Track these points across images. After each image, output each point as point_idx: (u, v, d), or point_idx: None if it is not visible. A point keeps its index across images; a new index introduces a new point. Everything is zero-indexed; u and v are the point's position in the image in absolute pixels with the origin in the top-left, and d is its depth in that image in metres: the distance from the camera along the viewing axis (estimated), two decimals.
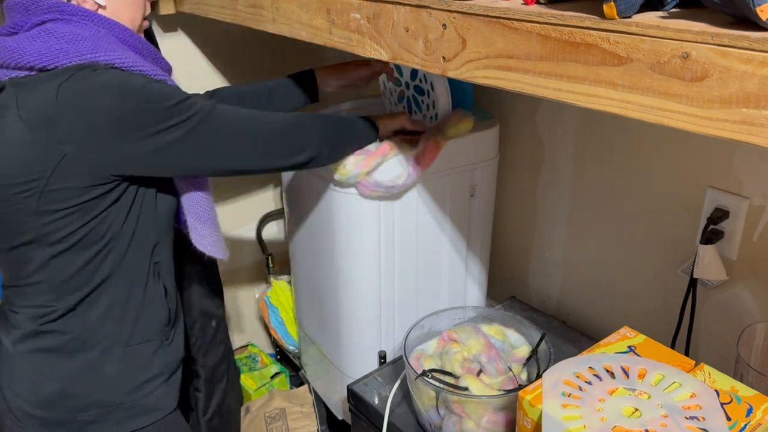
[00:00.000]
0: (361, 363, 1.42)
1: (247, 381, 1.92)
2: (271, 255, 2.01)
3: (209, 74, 1.77)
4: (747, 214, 1.11)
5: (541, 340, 1.16)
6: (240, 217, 1.97)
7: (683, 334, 1.21)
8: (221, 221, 1.18)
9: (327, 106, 1.56)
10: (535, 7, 0.70)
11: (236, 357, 1.97)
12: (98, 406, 1.03)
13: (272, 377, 1.95)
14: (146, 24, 1.10)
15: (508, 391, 1.08)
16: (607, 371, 0.88)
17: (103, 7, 1.00)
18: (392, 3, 0.85)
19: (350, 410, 1.32)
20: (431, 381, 1.09)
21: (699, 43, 0.55)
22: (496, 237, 1.57)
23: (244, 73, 1.81)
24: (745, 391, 0.86)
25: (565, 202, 1.43)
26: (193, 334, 1.34)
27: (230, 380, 1.45)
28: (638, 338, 0.99)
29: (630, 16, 0.62)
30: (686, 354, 1.17)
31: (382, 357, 1.41)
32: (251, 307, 2.14)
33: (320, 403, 1.75)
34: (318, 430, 1.73)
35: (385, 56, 0.90)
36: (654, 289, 1.30)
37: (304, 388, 1.82)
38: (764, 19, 0.53)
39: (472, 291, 1.52)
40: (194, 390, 1.38)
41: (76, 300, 1.00)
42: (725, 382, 0.88)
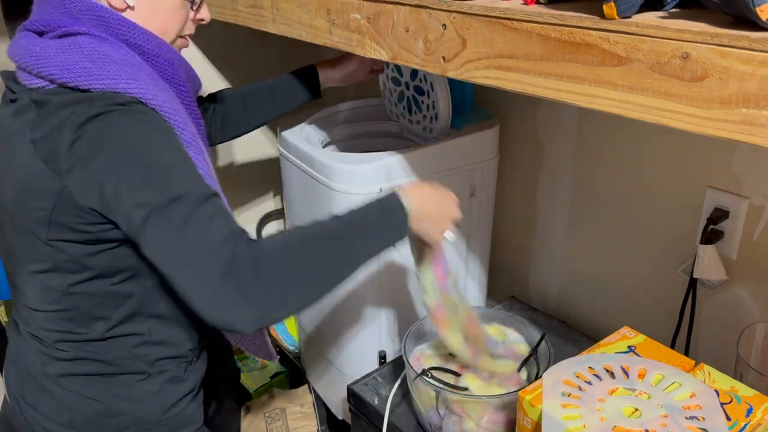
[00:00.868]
0: (361, 363, 1.42)
1: (247, 381, 1.92)
2: None
3: (209, 74, 1.77)
4: (747, 214, 1.11)
5: (541, 340, 1.16)
6: (240, 217, 1.98)
7: (683, 334, 1.21)
8: None
9: (326, 107, 1.56)
10: (535, 7, 0.70)
11: (236, 357, 1.97)
12: (138, 424, 1.00)
13: (272, 377, 1.95)
14: (185, 43, 1.04)
15: (508, 392, 1.08)
16: (607, 371, 0.88)
17: (131, 7, 0.94)
18: (392, 3, 0.85)
19: (350, 410, 1.32)
20: (431, 381, 1.09)
21: (699, 43, 0.55)
22: (496, 237, 1.57)
23: (244, 74, 1.81)
24: (744, 391, 0.86)
25: (565, 202, 1.43)
26: None
27: (230, 380, 1.44)
28: (638, 338, 0.99)
29: (630, 16, 0.62)
30: (686, 354, 1.18)
31: (382, 357, 1.41)
32: None
33: (320, 403, 1.75)
34: (318, 430, 1.73)
35: (385, 56, 0.90)
36: (654, 289, 1.30)
37: (304, 388, 1.82)
38: (764, 19, 0.53)
39: (472, 291, 1.52)
40: None
41: (106, 327, 0.96)
42: (725, 382, 0.88)
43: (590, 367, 0.89)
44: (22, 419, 1.02)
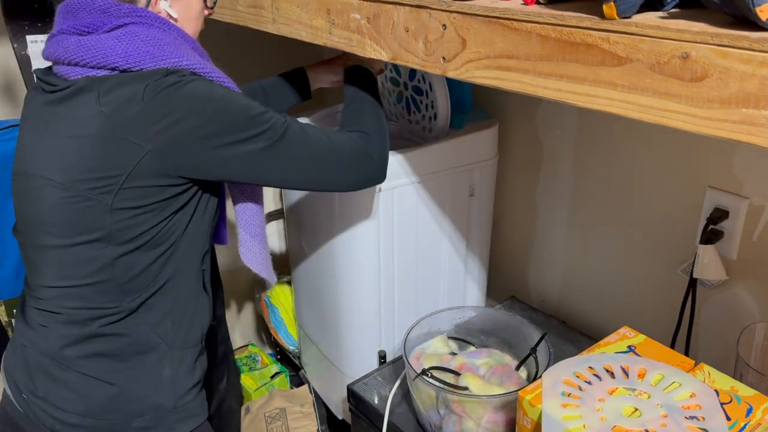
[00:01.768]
0: (361, 363, 1.42)
1: (247, 381, 1.92)
2: (271, 255, 2.01)
3: None
4: (747, 214, 1.11)
5: (540, 340, 1.16)
6: None
7: (683, 334, 1.21)
8: None
9: (326, 107, 1.56)
10: (534, 8, 0.70)
11: (236, 357, 1.97)
12: (154, 411, 1.02)
13: (272, 377, 1.96)
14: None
15: (508, 392, 1.08)
16: (607, 371, 0.88)
17: (175, 19, 1.02)
18: (392, 3, 0.85)
19: (350, 410, 1.32)
20: (431, 381, 1.09)
21: (699, 43, 0.55)
22: (495, 237, 1.57)
23: (244, 74, 1.81)
24: (744, 391, 0.86)
25: (565, 202, 1.43)
26: None
27: (230, 380, 1.45)
28: (638, 338, 0.99)
29: (630, 16, 0.62)
30: (686, 354, 1.18)
31: (382, 357, 1.41)
32: (251, 307, 2.14)
33: (320, 403, 1.75)
34: (318, 430, 1.73)
35: (385, 56, 0.90)
36: (654, 289, 1.30)
37: (304, 388, 1.82)
38: (764, 19, 0.53)
39: (472, 291, 1.52)
40: None
41: (138, 302, 0.99)
42: (725, 382, 0.88)
43: (590, 367, 0.89)
44: (31, 415, 1.02)
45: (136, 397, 1.01)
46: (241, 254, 1.17)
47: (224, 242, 1.18)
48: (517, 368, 1.17)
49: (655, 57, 0.59)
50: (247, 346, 2.09)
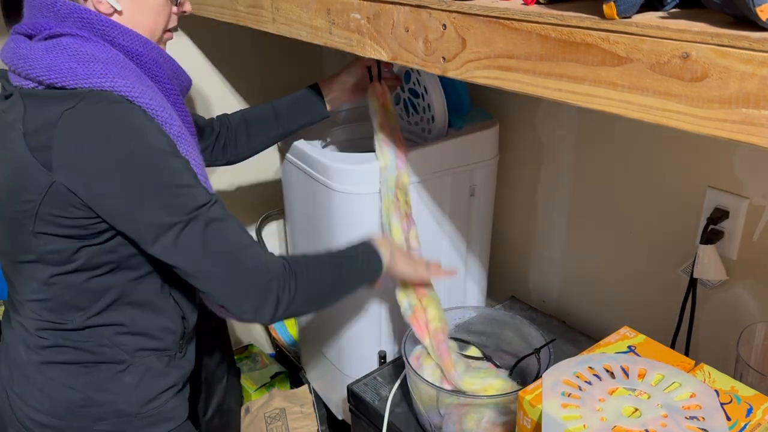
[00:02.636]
0: (361, 363, 1.42)
1: (247, 381, 1.92)
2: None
3: (209, 75, 1.77)
4: (747, 214, 1.11)
5: (546, 345, 1.15)
6: (240, 217, 1.97)
7: (683, 334, 1.21)
8: None
9: None
10: (534, 7, 0.70)
11: (236, 357, 1.97)
12: (117, 416, 1.02)
13: (272, 377, 1.95)
14: (170, 36, 1.05)
15: (508, 392, 1.08)
16: (607, 371, 0.88)
17: (119, 12, 0.95)
18: (392, 3, 0.85)
19: (350, 410, 1.32)
20: (431, 381, 1.09)
21: (699, 43, 0.55)
22: (496, 237, 1.57)
23: (244, 74, 1.81)
24: (745, 391, 0.86)
25: (565, 202, 1.43)
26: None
27: (230, 380, 1.45)
28: (638, 338, 0.99)
29: (630, 16, 0.62)
30: (686, 354, 1.17)
31: (382, 357, 1.41)
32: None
33: (320, 403, 1.75)
34: (318, 430, 1.73)
35: (385, 56, 0.90)
36: (654, 289, 1.30)
37: (304, 388, 1.82)
38: (764, 19, 0.53)
39: (472, 291, 1.52)
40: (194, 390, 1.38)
41: (84, 317, 0.97)
42: (725, 382, 0.88)
43: (590, 367, 0.89)
44: (9, 410, 1.05)
45: (98, 402, 1.01)
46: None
47: None
48: (511, 371, 1.17)
49: (655, 57, 0.59)
50: (247, 346, 2.09)
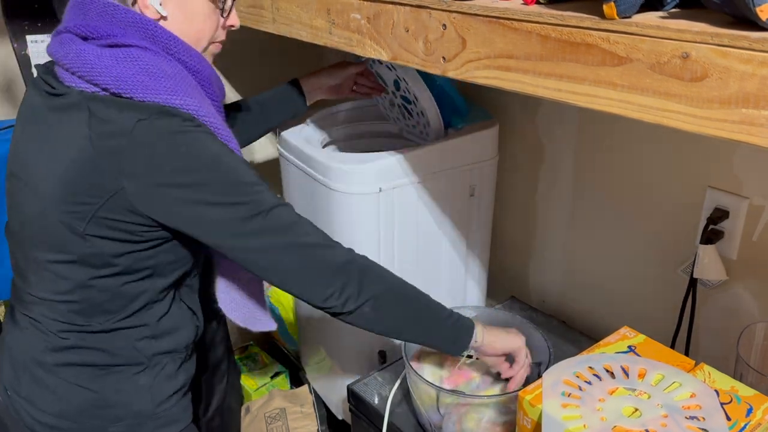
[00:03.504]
0: (361, 363, 1.42)
1: (247, 381, 1.92)
2: None
3: None
4: (747, 214, 1.11)
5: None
6: None
7: (683, 334, 1.21)
8: None
9: (326, 107, 1.56)
10: (534, 7, 0.70)
11: (236, 357, 1.97)
12: (131, 417, 1.02)
13: (272, 377, 1.95)
14: (217, 48, 1.05)
15: (508, 392, 1.08)
16: (607, 371, 0.88)
17: (164, 17, 0.94)
18: (392, 3, 0.85)
19: (350, 410, 1.32)
20: (431, 381, 1.09)
21: (699, 43, 0.55)
22: (496, 237, 1.57)
23: (244, 74, 1.81)
24: (745, 391, 0.86)
25: (565, 202, 1.43)
26: None
27: (230, 380, 1.44)
28: (638, 338, 0.99)
29: (630, 16, 0.62)
30: (686, 354, 1.17)
31: (382, 357, 1.41)
32: None
33: (320, 403, 1.75)
34: (318, 430, 1.73)
35: (385, 56, 0.90)
36: (654, 289, 1.30)
37: (304, 388, 1.82)
38: (764, 19, 0.53)
39: (472, 291, 1.52)
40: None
41: (113, 321, 0.98)
42: (725, 382, 0.88)
43: (590, 367, 0.89)
44: (12, 412, 1.03)
45: (114, 403, 1.01)
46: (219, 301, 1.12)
47: None
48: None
49: (655, 57, 0.59)
50: (247, 346, 2.09)
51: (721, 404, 0.83)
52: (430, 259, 1.41)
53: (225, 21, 1.02)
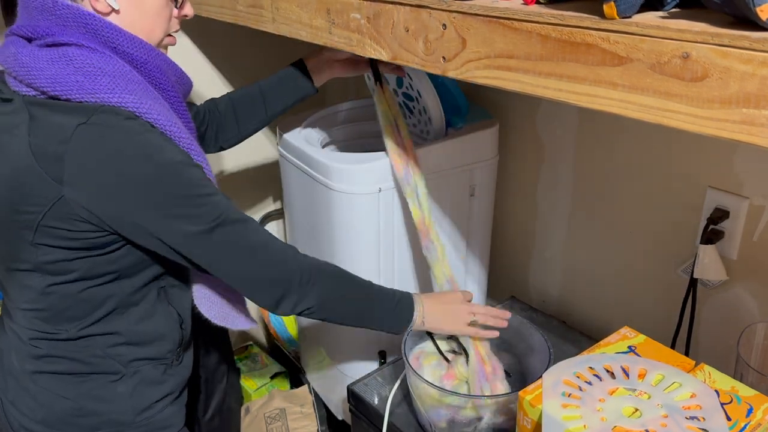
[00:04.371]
0: (361, 363, 1.42)
1: (247, 381, 1.92)
2: None
3: (209, 74, 1.77)
4: (747, 214, 1.11)
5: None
6: None
7: (683, 334, 1.21)
8: None
9: (326, 107, 1.56)
10: (535, 7, 0.70)
11: (236, 357, 1.97)
12: (111, 426, 1.01)
13: (272, 377, 1.95)
14: (172, 41, 1.02)
15: (508, 392, 1.08)
16: (607, 371, 0.88)
17: (117, 11, 0.92)
18: (392, 3, 0.85)
19: (350, 410, 1.32)
20: (431, 381, 1.09)
21: (699, 43, 0.55)
22: (496, 237, 1.57)
23: (244, 74, 1.81)
24: (745, 391, 0.86)
25: (565, 202, 1.43)
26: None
27: (230, 380, 1.44)
28: (638, 338, 0.99)
29: (630, 16, 0.62)
30: (686, 354, 1.17)
31: (382, 357, 1.41)
32: (251, 307, 2.14)
33: (320, 403, 1.75)
34: (318, 430, 1.73)
35: (385, 56, 0.90)
36: (654, 289, 1.30)
37: (304, 388, 1.82)
38: (764, 19, 0.53)
39: (472, 291, 1.52)
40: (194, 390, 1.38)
41: (78, 328, 0.96)
42: (725, 382, 0.88)
43: (590, 367, 0.89)
44: (3, 417, 1.04)
45: (92, 411, 1.00)
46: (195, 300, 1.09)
47: None
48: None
49: (655, 57, 0.59)
50: (247, 346, 2.09)
51: (722, 404, 0.83)
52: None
53: (179, 11, 1.00)
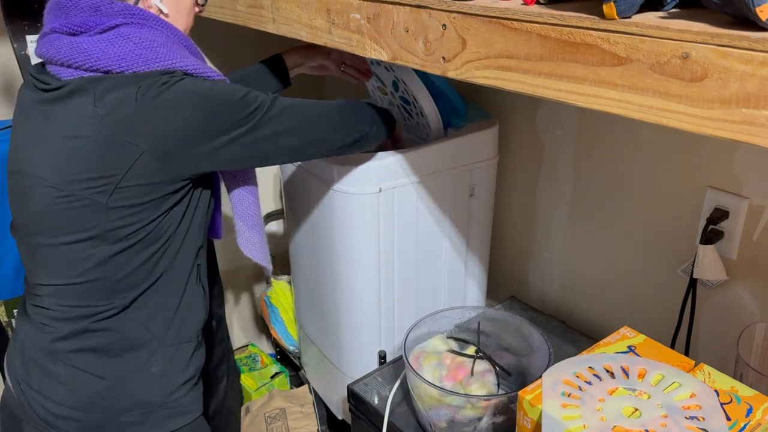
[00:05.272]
0: (361, 363, 1.42)
1: (247, 381, 1.92)
2: (272, 255, 2.01)
3: None
4: (747, 214, 1.11)
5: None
6: None
7: (683, 334, 1.21)
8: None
9: None
10: (534, 7, 0.70)
11: (236, 357, 1.98)
12: (141, 407, 1.03)
13: (272, 377, 1.96)
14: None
15: (508, 392, 1.08)
16: (607, 371, 0.88)
17: (165, 14, 1.02)
18: (392, 3, 0.85)
19: (350, 410, 1.32)
20: (431, 381, 1.09)
21: (699, 43, 0.55)
22: (495, 237, 1.57)
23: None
24: (744, 391, 0.86)
25: (565, 202, 1.43)
26: None
27: (230, 380, 1.45)
28: (638, 338, 0.99)
29: (630, 16, 0.62)
30: (686, 354, 1.18)
31: (382, 357, 1.41)
32: (251, 307, 2.14)
33: (320, 403, 1.75)
34: (318, 430, 1.73)
35: (385, 56, 0.90)
36: (654, 289, 1.30)
37: (304, 388, 1.82)
38: (764, 19, 0.53)
39: (472, 291, 1.52)
40: None
41: (130, 298, 1.00)
42: (725, 382, 0.88)
43: (590, 367, 0.89)
44: (27, 406, 1.04)
45: (124, 392, 1.02)
46: (239, 244, 1.19)
47: (219, 236, 1.19)
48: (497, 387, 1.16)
49: (655, 57, 0.59)
50: (247, 346, 2.10)
51: (721, 404, 0.83)
52: (430, 259, 1.41)
53: (201, 7, 1.11)
